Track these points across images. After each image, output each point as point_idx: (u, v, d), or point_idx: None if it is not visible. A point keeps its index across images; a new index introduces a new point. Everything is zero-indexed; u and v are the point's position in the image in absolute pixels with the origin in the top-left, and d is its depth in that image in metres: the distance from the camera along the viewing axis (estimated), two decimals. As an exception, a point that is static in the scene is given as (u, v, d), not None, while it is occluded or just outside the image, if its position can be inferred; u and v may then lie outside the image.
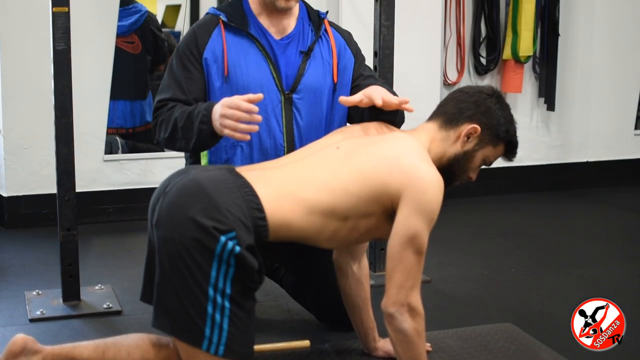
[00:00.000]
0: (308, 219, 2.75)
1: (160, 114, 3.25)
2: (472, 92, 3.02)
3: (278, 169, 2.88)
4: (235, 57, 3.28)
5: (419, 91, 6.06)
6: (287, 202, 2.73)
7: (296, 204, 2.74)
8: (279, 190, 2.75)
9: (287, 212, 2.73)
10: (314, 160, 2.88)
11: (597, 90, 7.09)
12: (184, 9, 7.16)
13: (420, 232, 2.73)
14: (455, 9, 6.51)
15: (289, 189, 2.77)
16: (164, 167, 5.72)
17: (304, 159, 2.91)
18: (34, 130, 5.47)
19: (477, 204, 6.43)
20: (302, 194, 2.76)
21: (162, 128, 3.23)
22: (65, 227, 4.02)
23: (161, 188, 2.76)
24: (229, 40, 3.29)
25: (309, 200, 2.75)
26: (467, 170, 2.99)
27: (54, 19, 3.87)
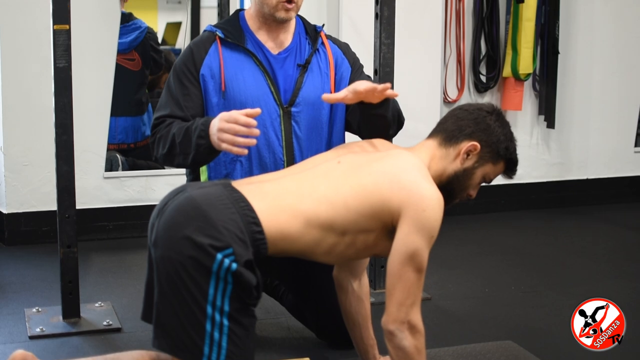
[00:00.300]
0: (305, 232, 2.75)
1: (158, 131, 3.26)
2: (472, 109, 3.02)
3: (276, 181, 2.88)
4: (232, 73, 3.29)
5: (419, 109, 6.07)
6: (284, 215, 2.73)
7: (294, 216, 2.74)
8: (277, 202, 2.75)
9: (285, 224, 2.73)
10: (314, 173, 2.89)
11: (597, 107, 7.09)
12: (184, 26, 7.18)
13: (421, 249, 2.73)
14: (455, 26, 6.53)
15: (288, 201, 2.77)
16: (164, 184, 5.72)
17: (304, 172, 2.92)
18: (34, 147, 5.48)
19: (477, 221, 6.43)
20: (301, 207, 2.76)
21: (160, 144, 3.23)
22: (65, 244, 4.02)
23: (158, 207, 2.76)
24: (226, 56, 3.30)
25: (308, 212, 2.75)
26: (467, 187, 2.99)
27: (55, 36, 3.88)
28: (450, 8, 6.48)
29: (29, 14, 5.37)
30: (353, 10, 5.93)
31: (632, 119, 7.26)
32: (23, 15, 5.39)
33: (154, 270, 2.70)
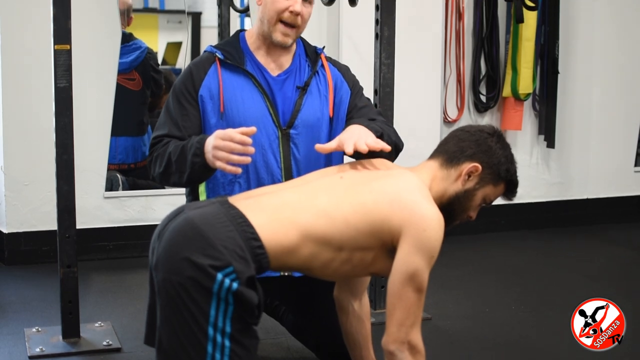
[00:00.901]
0: (302, 244, 2.74)
1: (155, 150, 3.26)
2: (473, 131, 3.03)
3: (275, 193, 2.87)
4: (231, 94, 3.29)
5: (419, 128, 6.09)
6: (283, 227, 2.73)
7: (291, 228, 2.73)
8: (276, 215, 2.75)
9: (283, 236, 2.72)
10: (315, 187, 2.88)
11: (596, 127, 7.11)
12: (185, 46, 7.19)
13: (421, 269, 2.72)
14: (455, 46, 6.54)
15: (286, 214, 2.76)
16: (165, 204, 5.72)
17: (305, 185, 2.91)
18: (34, 167, 5.48)
19: (477, 241, 6.43)
20: (299, 219, 2.75)
21: (157, 163, 3.24)
22: (65, 264, 4.02)
23: (158, 230, 2.76)
24: (225, 77, 3.31)
25: (306, 225, 2.74)
26: (467, 209, 2.99)
27: (56, 56, 3.89)
28: (450, 28, 6.50)
29: (30, 33, 5.39)
30: (353, 30, 5.94)
31: (632, 139, 7.26)
32: (24, 35, 5.40)
33: (155, 294, 2.69)
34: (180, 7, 7.13)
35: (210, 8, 7.07)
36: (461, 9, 6.52)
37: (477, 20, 6.58)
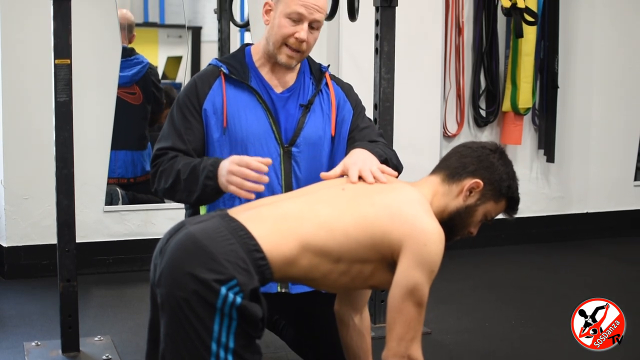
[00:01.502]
0: (301, 255, 2.74)
1: (160, 163, 3.25)
2: (476, 147, 3.03)
3: (276, 204, 2.87)
4: (234, 109, 3.28)
5: (419, 143, 6.09)
6: (284, 238, 2.73)
7: (292, 239, 2.73)
8: (277, 226, 2.75)
9: (285, 247, 2.72)
10: (317, 198, 2.88)
11: (596, 141, 7.11)
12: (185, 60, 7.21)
13: (421, 284, 2.72)
14: (454, 61, 6.56)
15: (287, 224, 2.76)
16: (165, 219, 5.72)
17: (306, 196, 2.91)
18: (34, 181, 5.48)
19: (477, 255, 6.43)
20: (300, 230, 2.75)
21: (162, 178, 3.23)
22: (65, 278, 4.02)
23: (160, 246, 2.76)
24: (229, 92, 3.30)
25: (306, 236, 2.74)
26: (468, 224, 2.99)
27: (56, 71, 3.90)
28: (450, 43, 6.51)
29: (30, 47, 5.40)
30: (353, 45, 5.96)
31: (631, 153, 7.27)
32: (24, 49, 5.42)
33: (157, 310, 2.69)
34: (181, 21, 7.15)
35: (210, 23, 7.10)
36: (461, 24, 6.53)
37: (477, 35, 6.60)
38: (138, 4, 7.30)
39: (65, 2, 3.89)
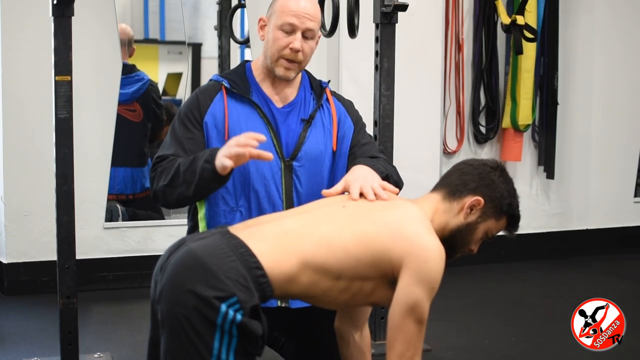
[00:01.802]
0: (302, 272, 2.74)
1: (160, 166, 3.25)
2: (477, 164, 3.03)
3: (277, 221, 2.87)
4: (236, 123, 3.29)
5: (419, 160, 6.09)
6: (285, 255, 2.73)
7: (293, 256, 2.73)
8: (277, 243, 2.75)
9: (285, 264, 2.72)
10: (317, 215, 2.88)
11: (596, 158, 7.12)
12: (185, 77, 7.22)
13: (421, 301, 2.72)
14: (454, 78, 6.56)
15: (288, 242, 2.76)
16: (165, 235, 5.72)
17: (307, 213, 2.91)
18: (34, 197, 5.48)
19: (477, 272, 6.42)
20: (301, 247, 2.75)
21: (161, 177, 3.22)
22: (65, 294, 4.01)
23: (160, 263, 2.76)
24: (231, 106, 3.31)
25: (306, 253, 2.74)
26: (468, 242, 2.99)
27: (57, 87, 3.90)
28: (449, 59, 6.52)
29: (30, 64, 5.41)
30: (353, 61, 5.97)
31: (631, 169, 7.27)
32: (25, 65, 5.42)
33: (157, 327, 2.69)
34: (181, 38, 7.16)
35: (210, 39, 7.11)
36: (460, 41, 6.54)
37: (477, 51, 6.61)
38: (138, 21, 7.32)
39: (65, 18, 3.90)
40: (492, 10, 6.56)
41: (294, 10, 3.25)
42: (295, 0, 3.27)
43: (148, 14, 7.28)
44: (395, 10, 4.22)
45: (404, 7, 4.18)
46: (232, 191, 3.22)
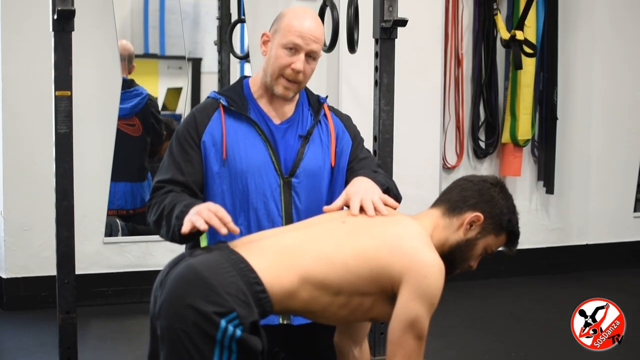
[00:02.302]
0: (301, 288, 2.74)
1: (155, 196, 3.24)
2: (477, 180, 3.04)
3: (277, 236, 2.87)
4: (234, 141, 3.28)
5: (419, 175, 6.09)
6: (284, 271, 2.73)
7: (293, 272, 2.73)
8: (277, 259, 2.75)
9: (285, 280, 2.72)
10: (317, 231, 2.88)
11: (595, 173, 7.12)
12: (185, 91, 7.22)
13: (421, 316, 2.72)
14: (454, 93, 6.57)
15: (287, 256, 2.76)
16: (165, 250, 5.71)
17: (307, 228, 2.91)
18: (34, 212, 5.48)
19: (477, 287, 6.42)
20: (300, 263, 2.75)
21: (153, 210, 3.22)
22: (64, 309, 4.00)
23: (160, 278, 2.76)
24: (229, 124, 3.30)
25: (306, 269, 2.74)
26: (468, 258, 2.99)
27: (57, 102, 3.90)
28: (449, 75, 6.53)
29: (30, 79, 5.41)
30: (353, 77, 5.97)
31: (631, 184, 7.27)
32: (25, 80, 5.43)
33: (157, 343, 2.69)
34: (181, 53, 7.17)
35: (210, 54, 7.12)
36: (460, 56, 6.55)
37: (476, 66, 6.62)
38: (138, 36, 7.32)
39: (66, 33, 3.91)
40: (492, 26, 6.57)
41: (299, 30, 3.23)
42: (300, 19, 3.25)
43: (148, 28, 7.29)
44: (395, 26, 4.22)
45: (404, 23, 4.18)
46: (232, 209, 3.20)
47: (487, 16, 6.57)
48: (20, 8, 5.43)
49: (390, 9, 4.18)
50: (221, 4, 6.60)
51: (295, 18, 3.26)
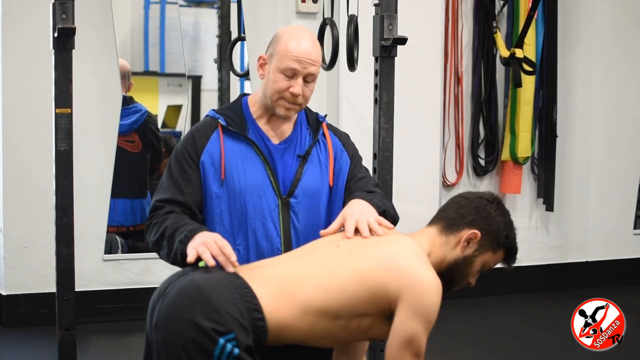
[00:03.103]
0: (303, 318, 2.74)
1: (155, 216, 3.24)
2: (473, 197, 3.04)
3: (277, 266, 2.88)
4: (232, 161, 3.28)
5: (418, 192, 6.09)
6: (284, 302, 2.73)
7: (293, 303, 2.74)
8: (277, 289, 2.75)
9: (285, 312, 2.73)
10: (313, 258, 2.89)
11: (595, 190, 7.12)
12: (185, 109, 7.24)
13: (419, 334, 2.72)
14: (454, 110, 6.58)
15: (287, 287, 2.77)
16: (164, 267, 5.63)
17: (303, 257, 2.92)
18: (34, 229, 5.48)
19: (476, 304, 6.41)
20: (299, 292, 2.76)
21: (153, 230, 3.21)
22: (63, 326, 4.00)
23: (160, 290, 2.76)
24: (227, 144, 3.30)
25: (305, 299, 2.75)
26: (466, 275, 2.99)
27: (57, 119, 3.90)
28: (449, 92, 6.54)
29: (30, 95, 5.43)
30: (352, 94, 5.98)
31: (630, 202, 7.28)
32: (25, 97, 5.44)
33: (152, 354, 2.69)
34: (181, 70, 7.18)
35: (210, 72, 7.13)
36: (460, 74, 6.57)
37: (476, 84, 6.63)
38: (138, 53, 7.34)
39: (66, 51, 3.91)
40: (491, 43, 6.58)
41: (296, 54, 3.21)
42: (297, 42, 3.22)
43: (148, 46, 7.30)
44: (395, 44, 4.22)
45: (404, 41, 4.19)
46: (230, 229, 3.20)
47: (486, 34, 6.59)
48: (21, 26, 5.45)
49: (390, 27, 4.19)
50: (221, 22, 6.62)
51: (292, 40, 3.23)
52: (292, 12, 6.05)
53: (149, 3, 7.31)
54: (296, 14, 6.03)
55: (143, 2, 7.27)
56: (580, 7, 6.95)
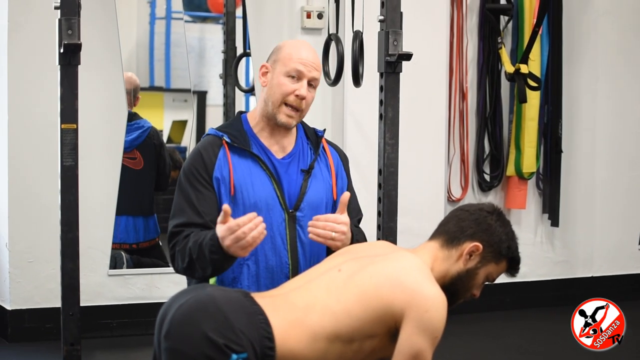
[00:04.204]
0: (314, 347, 2.75)
1: (176, 243, 3.25)
2: (473, 210, 3.04)
3: (285, 295, 2.88)
4: (241, 177, 3.29)
5: (423, 208, 6.09)
6: (294, 331, 2.74)
7: (302, 332, 2.74)
8: (287, 318, 2.76)
9: (294, 342, 2.73)
10: (317, 285, 2.89)
11: (600, 205, 7.11)
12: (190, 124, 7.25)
13: (424, 350, 2.72)
14: (459, 126, 6.58)
15: (296, 316, 2.77)
16: (169, 282, 5.71)
17: (308, 284, 2.92)
18: (39, 244, 5.49)
19: (482, 319, 6.40)
20: (308, 321, 2.76)
21: (179, 258, 3.23)
22: (68, 341, 4.00)
23: (172, 300, 2.76)
24: (234, 160, 3.31)
25: (314, 326, 2.75)
26: (470, 287, 2.99)
27: (63, 135, 3.91)
28: (453, 108, 6.55)
29: (36, 111, 5.44)
30: (357, 110, 5.98)
31: (636, 216, 7.27)
32: (31, 113, 5.45)
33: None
34: (186, 86, 7.20)
35: (215, 87, 7.15)
36: (465, 89, 6.57)
37: (481, 100, 6.63)
38: (144, 69, 7.36)
39: (72, 67, 3.92)
40: (496, 59, 6.59)
41: (300, 58, 3.29)
42: (299, 50, 3.32)
43: (154, 62, 7.33)
44: (400, 60, 4.24)
45: (409, 57, 4.20)
46: (239, 245, 3.22)
47: (491, 50, 6.59)
48: (27, 41, 5.46)
49: (395, 43, 4.20)
50: (227, 37, 6.64)
51: (294, 48, 3.34)
52: (297, 27, 6.06)
53: (155, 19, 7.34)
54: (301, 29, 6.04)
55: (149, 18, 7.29)
56: (585, 23, 6.96)
